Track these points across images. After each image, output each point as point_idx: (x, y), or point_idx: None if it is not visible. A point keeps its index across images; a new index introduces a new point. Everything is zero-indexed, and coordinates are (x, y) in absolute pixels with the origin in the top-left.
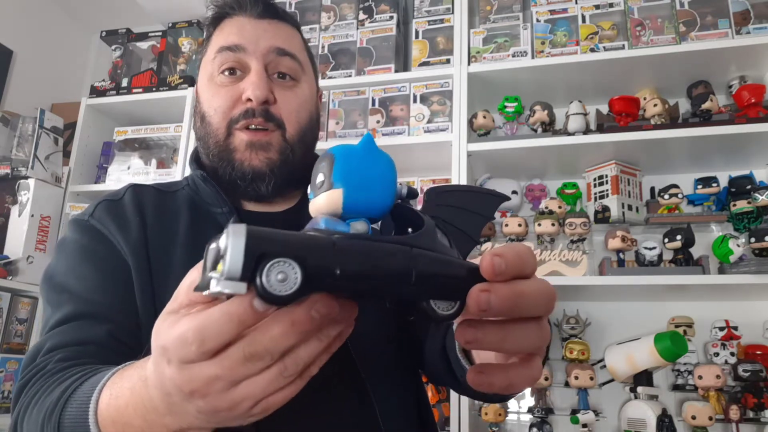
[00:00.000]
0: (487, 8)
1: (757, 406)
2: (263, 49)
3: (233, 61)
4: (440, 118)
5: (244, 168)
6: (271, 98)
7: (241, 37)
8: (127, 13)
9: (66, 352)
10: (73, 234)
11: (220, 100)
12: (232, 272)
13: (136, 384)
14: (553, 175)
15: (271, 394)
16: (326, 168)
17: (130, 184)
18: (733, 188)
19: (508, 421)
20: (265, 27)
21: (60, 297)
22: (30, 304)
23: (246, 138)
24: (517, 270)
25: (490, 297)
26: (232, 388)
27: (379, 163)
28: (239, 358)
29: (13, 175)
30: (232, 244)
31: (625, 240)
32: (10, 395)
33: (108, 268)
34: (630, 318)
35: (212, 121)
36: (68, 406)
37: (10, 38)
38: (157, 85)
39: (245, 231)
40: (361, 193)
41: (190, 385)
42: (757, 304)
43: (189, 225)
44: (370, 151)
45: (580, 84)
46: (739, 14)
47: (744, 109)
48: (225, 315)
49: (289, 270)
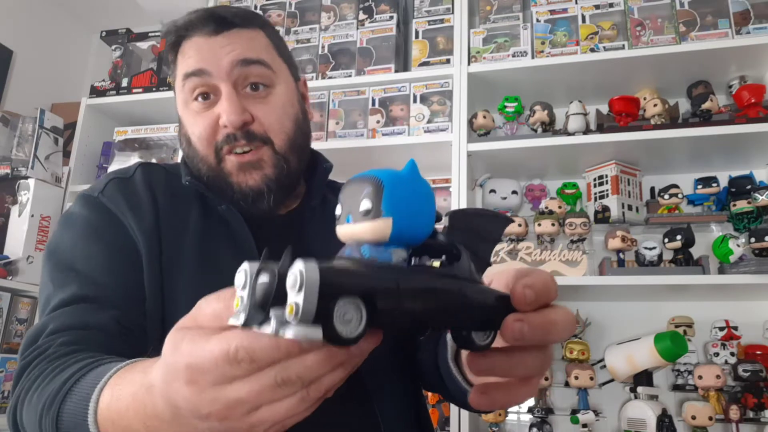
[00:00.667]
0: (487, 8)
1: (757, 406)
2: (226, 67)
3: (201, 85)
4: (440, 118)
5: (243, 189)
6: (248, 118)
7: (201, 60)
8: (127, 13)
9: (69, 335)
10: (81, 209)
11: (200, 128)
12: (307, 315)
13: (139, 391)
14: (553, 175)
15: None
16: (374, 195)
17: (139, 162)
18: (733, 188)
19: (508, 421)
20: (222, 42)
21: (65, 276)
22: (30, 304)
23: (236, 160)
24: (544, 299)
25: (524, 327)
26: (253, 413)
27: (423, 191)
28: (270, 384)
29: (13, 175)
30: (307, 285)
31: (625, 240)
32: (10, 395)
33: (116, 249)
34: (630, 318)
35: (199, 148)
36: (68, 399)
37: (10, 38)
38: (157, 85)
39: (319, 270)
40: (409, 222)
41: (210, 407)
42: (757, 304)
43: (199, 216)
44: (415, 178)
45: (580, 84)
46: (739, 14)
47: (744, 109)
48: (275, 343)
49: (355, 311)
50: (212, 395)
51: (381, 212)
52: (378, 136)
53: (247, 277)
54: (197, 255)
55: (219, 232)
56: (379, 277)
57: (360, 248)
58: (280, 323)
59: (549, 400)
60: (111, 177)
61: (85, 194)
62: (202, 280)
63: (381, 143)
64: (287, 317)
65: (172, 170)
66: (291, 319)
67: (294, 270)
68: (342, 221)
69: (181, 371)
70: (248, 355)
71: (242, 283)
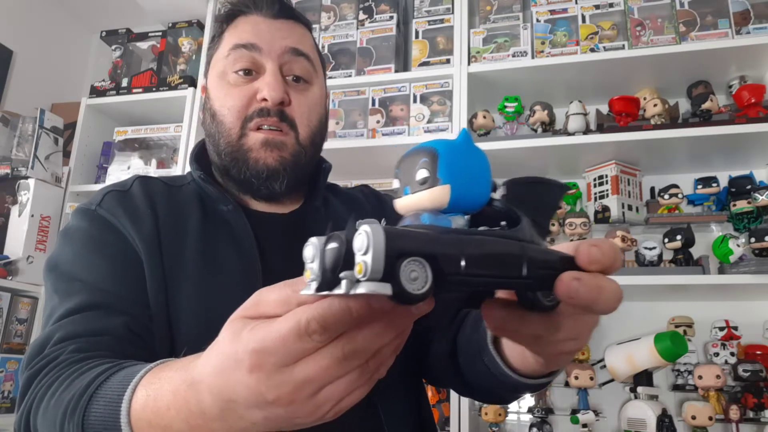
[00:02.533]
0: (487, 8)
1: (757, 406)
2: (278, 50)
3: (248, 60)
4: (440, 118)
5: (259, 166)
6: (286, 99)
7: (256, 36)
8: (127, 13)
9: (79, 342)
10: (80, 223)
11: (233, 100)
12: (376, 272)
13: (180, 387)
14: (553, 175)
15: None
16: (429, 164)
17: (136, 175)
18: (733, 188)
19: (508, 421)
20: (280, 27)
21: (70, 286)
22: (30, 304)
23: (261, 136)
24: (609, 262)
25: (579, 286)
26: (318, 393)
27: (478, 158)
28: (338, 357)
29: (13, 175)
30: (374, 243)
31: (625, 240)
32: (10, 395)
33: (119, 258)
34: (630, 318)
35: (225, 121)
36: (94, 402)
37: (10, 38)
38: (157, 85)
39: (383, 231)
40: (466, 188)
41: (276, 391)
42: (757, 304)
43: (199, 220)
44: (469, 146)
45: (580, 84)
46: (739, 14)
47: (744, 109)
48: (345, 308)
49: (420, 269)
50: (279, 379)
51: (438, 180)
52: (378, 136)
53: (316, 249)
54: (199, 257)
55: (220, 233)
56: (440, 237)
57: (420, 218)
58: (351, 283)
59: (549, 400)
60: (108, 190)
61: (82, 208)
62: (205, 280)
63: (381, 143)
64: (357, 276)
65: (170, 182)
66: (360, 277)
67: (360, 232)
68: (400, 194)
69: (244, 359)
70: (320, 325)
71: (311, 256)
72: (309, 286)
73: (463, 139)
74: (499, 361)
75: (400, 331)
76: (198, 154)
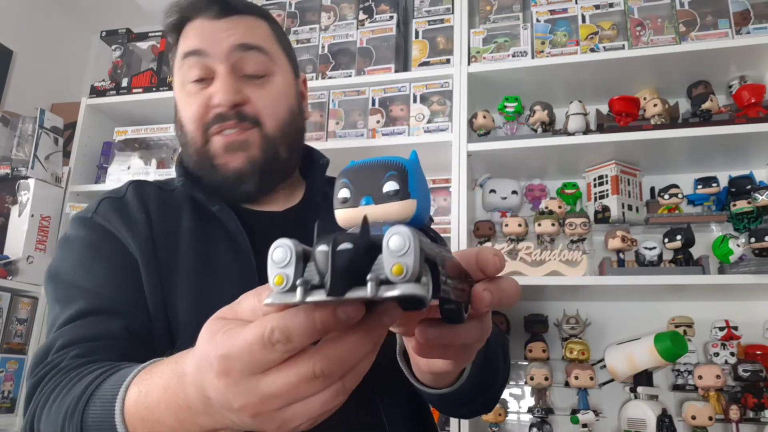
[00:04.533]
0: (487, 8)
1: (757, 406)
2: (225, 50)
3: (199, 67)
4: (440, 118)
5: (226, 172)
6: (240, 99)
7: (201, 40)
8: (127, 13)
9: (81, 348)
10: (77, 231)
11: (192, 108)
12: (414, 273)
13: (170, 380)
14: (553, 175)
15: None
16: (399, 178)
17: (131, 180)
18: (733, 188)
19: (508, 421)
20: (224, 26)
21: (69, 293)
22: (30, 304)
23: (222, 141)
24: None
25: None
26: (286, 408)
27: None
28: (307, 375)
29: (13, 175)
30: (413, 244)
31: (625, 240)
32: (10, 395)
33: (117, 263)
34: (630, 318)
35: (188, 130)
36: (91, 404)
37: (10, 38)
38: (157, 85)
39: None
40: (425, 205)
41: (242, 400)
42: (757, 304)
43: (192, 220)
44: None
45: (580, 84)
46: (739, 14)
47: (744, 109)
48: (310, 319)
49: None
50: (245, 387)
51: (408, 194)
52: (378, 136)
53: (291, 252)
54: (192, 256)
55: (212, 233)
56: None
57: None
58: (378, 285)
59: (549, 400)
60: (103, 197)
61: (78, 216)
62: (201, 279)
63: (381, 143)
64: (391, 278)
65: (163, 185)
66: (398, 279)
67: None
68: (355, 204)
69: (213, 362)
70: (283, 335)
71: (284, 259)
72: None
73: (416, 160)
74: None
75: (375, 344)
76: (182, 161)
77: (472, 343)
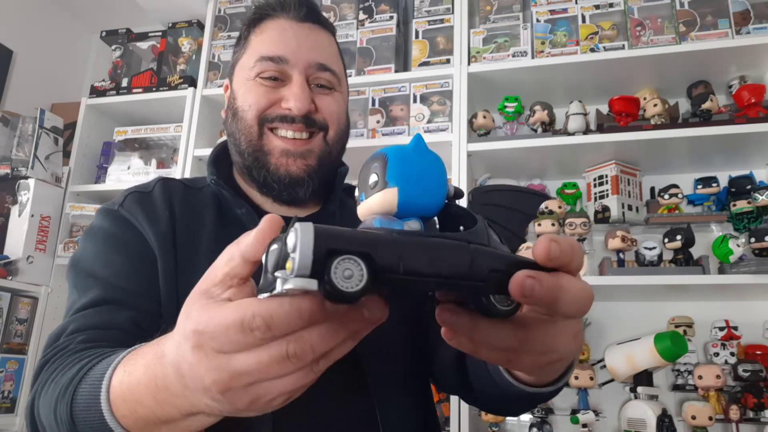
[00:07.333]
0: (487, 8)
1: (757, 406)
2: (305, 63)
3: (274, 71)
4: (440, 118)
5: (280, 173)
6: (312, 108)
7: (283, 46)
8: (127, 13)
9: (88, 334)
10: (102, 222)
11: (257, 99)
12: (303, 269)
13: (151, 361)
14: (553, 175)
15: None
16: (379, 168)
17: (160, 177)
18: (733, 188)
19: (508, 421)
20: (307, 33)
21: (86, 282)
22: (30, 304)
23: (282, 145)
24: (567, 259)
25: (535, 284)
26: (255, 385)
27: (431, 162)
28: (279, 357)
29: (13, 175)
30: (301, 241)
31: (625, 240)
32: (10, 395)
33: (135, 256)
34: (630, 318)
35: (245, 117)
36: (82, 383)
37: (10, 38)
38: (157, 85)
39: (313, 228)
40: (415, 191)
41: (213, 375)
42: (757, 304)
43: (214, 221)
44: (421, 151)
45: (580, 84)
46: (739, 14)
47: (744, 109)
48: (296, 309)
49: (355, 267)
50: (216, 363)
51: (386, 183)
52: (378, 136)
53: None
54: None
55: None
56: (380, 237)
57: (373, 222)
58: (283, 281)
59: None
60: (130, 191)
61: (105, 208)
62: None
63: (381, 143)
64: (287, 274)
65: (190, 183)
66: (290, 274)
67: (291, 230)
68: (358, 202)
69: (189, 336)
70: (265, 323)
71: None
72: None
73: (415, 144)
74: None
75: (351, 335)
76: (217, 158)
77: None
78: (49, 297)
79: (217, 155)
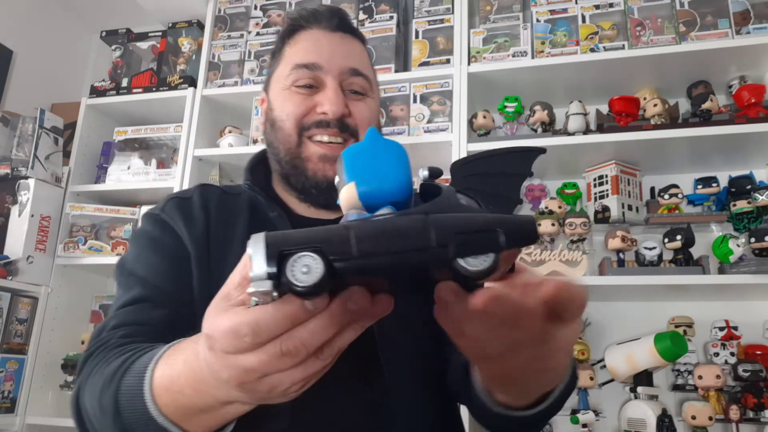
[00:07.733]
0: (487, 8)
1: (757, 406)
2: (338, 69)
3: (309, 77)
4: (440, 118)
5: (318, 178)
6: (346, 112)
7: (317, 54)
8: (127, 13)
9: (128, 329)
10: (146, 225)
11: (293, 107)
12: (259, 274)
13: (189, 356)
14: (553, 175)
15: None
16: (340, 168)
17: (200, 184)
18: (733, 188)
19: None
20: (340, 42)
21: (129, 281)
22: (30, 304)
23: (320, 151)
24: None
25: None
26: (267, 377)
27: (386, 151)
28: (276, 354)
29: (13, 175)
30: (254, 250)
31: (625, 240)
32: (10, 395)
33: (173, 257)
34: (630, 318)
35: (284, 127)
36: (126, 375)
37: (10, 38)
38: (157, 85)
39: (263, 236)
40: (371, 182)
41: (226, 371)
42: (757, 304)
43: (247, 224)
44: (374, 142)
45: (580, 84)
46: (739, 14)
47: (744, 109)
48: (279, 312)
49: (312, 262)
50: (226, 362)
51: (345, 180)
52: None
53: None
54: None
55: None
56: (330, 228)
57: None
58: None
59: None
60: (172, 197)
61: (149, 213)
62: None
63: None
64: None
65: (228, 190)
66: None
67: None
68: None
69: (204, 339)
70: (251, 330)
71: None
72: None
73: (366, 138)
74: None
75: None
76: (254, 166)
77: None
78: (49, 297)
79: (255, 163)
